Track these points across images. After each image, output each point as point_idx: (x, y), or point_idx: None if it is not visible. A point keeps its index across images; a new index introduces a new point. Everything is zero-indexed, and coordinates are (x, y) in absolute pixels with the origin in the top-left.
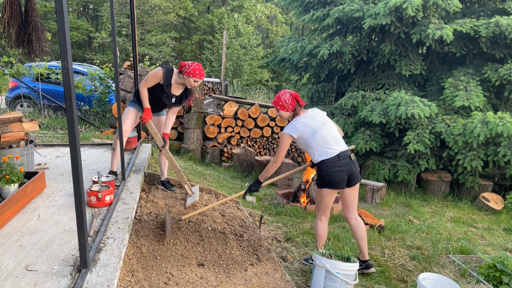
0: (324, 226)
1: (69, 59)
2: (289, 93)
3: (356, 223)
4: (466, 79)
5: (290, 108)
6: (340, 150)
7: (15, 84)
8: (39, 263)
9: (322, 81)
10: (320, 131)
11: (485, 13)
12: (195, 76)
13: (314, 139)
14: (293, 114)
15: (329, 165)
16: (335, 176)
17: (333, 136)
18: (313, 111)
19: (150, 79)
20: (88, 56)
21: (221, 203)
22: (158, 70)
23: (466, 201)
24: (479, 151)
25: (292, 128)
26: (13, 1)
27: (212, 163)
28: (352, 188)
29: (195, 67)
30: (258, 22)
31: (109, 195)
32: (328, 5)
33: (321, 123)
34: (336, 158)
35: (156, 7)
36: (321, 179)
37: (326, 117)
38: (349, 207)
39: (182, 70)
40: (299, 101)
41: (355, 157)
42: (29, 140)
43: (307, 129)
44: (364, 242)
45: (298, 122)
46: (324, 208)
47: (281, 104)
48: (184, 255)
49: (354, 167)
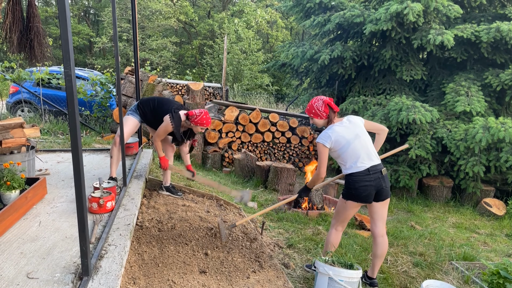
0: (337, 237)
1: (71, 66)
2: (322, 100)
3: (383, 241)
4: (467, 84)
5: (324, 115)
6: (371, 164)
7: (16, 89)
8: (40, 271)
9: (323, 86)
10: (353, 143)
11: (486, 18)
12: (202, 125)
13: (346, 151)
14: (328, 121)
15: (357, 178)
16: (362, 190)
17: (366, 150)
18: (348, 120)
19: (162, 133)
20: (88, 61)
21: (273, 208)
22: (168, 125)
23: (468, 207)
24: (481, 156)
25: (325, 137)
26: (15, 6)
27: (213, 168)
28: (381, 203)
29: (202, 117)
30: (258, 27)
31: (110, 201)
32: (329, 11)
33: (355, 135)
34: (366, 173)
35: (157, 12)
36: (347, 191)
37: (361, 127)
38: (376, 222)
39: (189, 118)
40: (333, 107)
41: (386, 172)
42: (30, 146)
43: (340, 139)
44: (380, 262)
45: (332, 131)
46: (344, 219)
47: (314, 112)
48: (186, 262)
49: (384, 183)
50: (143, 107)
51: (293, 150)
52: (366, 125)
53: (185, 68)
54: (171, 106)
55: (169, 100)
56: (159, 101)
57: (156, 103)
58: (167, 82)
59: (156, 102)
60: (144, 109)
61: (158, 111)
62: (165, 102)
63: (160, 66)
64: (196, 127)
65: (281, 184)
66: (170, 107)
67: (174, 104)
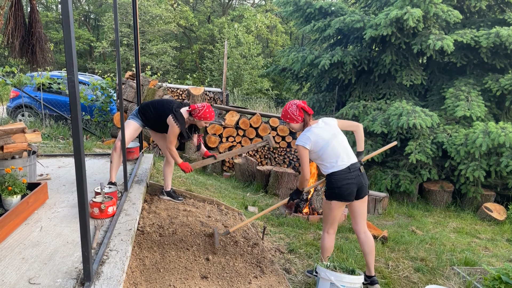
0: (331, 240)
1: (75, 72)
2: (295, 104)
3: (365, 237)
4: (467, 89)
5: (299, 119)
6: (351, 162)
7: (17, 93)
8: (42, 276)
9: (323, 90)
10: (332, 143)
11: (485, 23)
12: (205, 119)
13: (325, 151)
14: (304, 124)
15: (339, 177)
16: (345, 188)
17: (344, 149)
18: (323, 122)
19: (173, 138)
20: (89, 65)
21: (264, 213)
22: (174, 127)
23: (469, 211)
24: (481, 161)
25: (304, 139)
26: (17, 12)
27: (213, 172)
28: (360, 201)
29: (205, 110)
30: (258, 31)
31: (111, 206)
32: (329, 16)
33: (333, 135)
34: (347, 171)
35: (157, 17)
36: (330, 191)
37: (337, 128)
38: (357, 220)
39: (192, 113)
40: (307, 110)
41: (364, 170)
42: (31, 151)
43: (319, 140)
44: (372, 258)
45: (311, 133)
46: (332, 221)
47: (289, 116)
48: (187, 268)
49: (364, 180)
50: (144, 111)
51: (294, 155)
52: (340, 124)
53: (185, 72)
54: (171, 105)
55: (168, 100)
56: (158, 102)
57: (156, 104)
58: (167, 86)
59: (156, 104)
60: (146, 112)
61: (159, 112)
62: (165, 102)
63: (160, 71)
64: (200, 121)
65: (282, 188)
66: (171, 106)
67: (174, 103)
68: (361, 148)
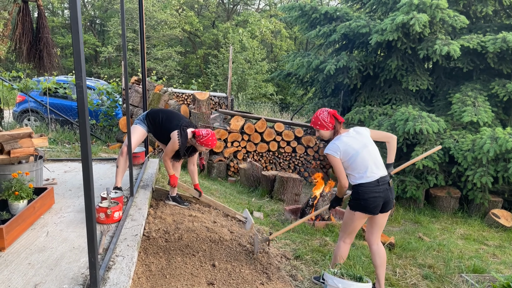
0: (346, 249)
1: (83, 77)
2: (327, 111)
3: (378, 248)
4: (473, 94)
5: (330, 126)
6: (380, 175)
7: (23, 98)
8: (48, 282)
9: (328, 95)
10: (362, 153)
11: (492, 29)
12: (207, 146)
13: (354, 161)
14: (334, 132)
15: (367, 189)
16: (372, 201)
17: (374, 160)
18: (355, 130)
19: (170, 152)
20: (94, 70)
21: (305, 220)
22: (175, 143)
23: (476, 218)
24: (489, 167)
25: (333, 148)
26: (25, 18)
27: (218, 177)
28: (383, 214)
29: (209, 138)
30: (263, 36)
31: (117, 211)
32: (335, 21)
33: (363, 145)
34: (375, 183)
35: (162, 22)
36: (356, 202)
37: (368, 138)
38: (373, 231)
39: (195, 137)
40: (338, 118)
41: (393, 184)
42: (38, 155)
43: (349, 149)
44: (383, 270)
45: (340, 141)
46: (351, 231)
47: (320, 123)
48: (193, 274)
49: (391, 194)
50: (152, 118)
51: (299, 160)
52: (373, 135)
53: (190, 77)
54: (180, 122)
55: (178, 114)
56: (168, 114)
57: (166, 116)
58: (173, 91)
59: (165, 116)
60: (153, 120)
61: (166, 125)
62: (175, 117)
63: (165, 76)
64: (201, 147)
65: (287, 194)
66: (180, 123)
67: (183, 120)
68: (391, 160)
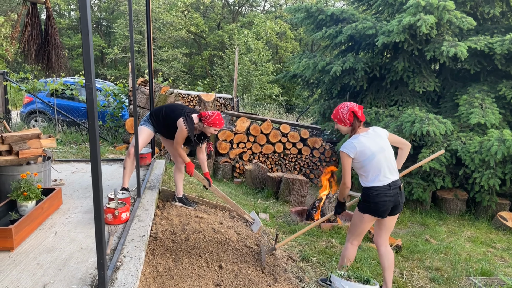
0: (353, 251)
1: (92, 79)
2: (348, 107)
3: (386, 251)
4: (481, 96)
5: (347, 122)
6: (393, 179)
7: (30, 99)
8: (57, 282)
9: (334, 97)
10: (378, 156)
11: (499, 30)
12: (215, 126)
13: (370, 162)
14: (352, 129)
15: (378, 193)
16: (382, 205)
17: (389, 164)
18: (374, 131)
19: (180, 140)
20: (101, 71)
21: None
22: (183, 129)
23: (483, 220)
24: (496, 169)
25: (349, 147)
26: (34, 19)
27: (224, 179)
28: (392, 217)
29: (215, 117)
30: (268, 38)
31: (125, 212)
32: (341, 23)
33: (381, 148)
34: (387, 188)
35: (168, 24)
36: (366, 204)
37: (386, 141)
38: (382, 234)
39: (202, 119)
40: (358, 116)
41: (403, 188)
42: (46, 156)
43: (366, 150)
44: (391, 273)
45: (358, 141)
46: (359, 233)
47: (338, 117)
48: (200, 275)
49: (401, 198)
50: (155, 115)
51: (304, 161)
52: (390, 138)
53: (195, 78)
54: (183, 110)
55: (180, 104)
56: (170, 107)
57: (168, 109)
58: (179, 93)
59: (168, 108)
60: (156, 118)
61: (170, 116)
62: (177, 107)
63: (171, 77)
64: (209, 128)
65: (293, 195)
66: (183, 110)
67: (185, 108)
68: (399, 166)
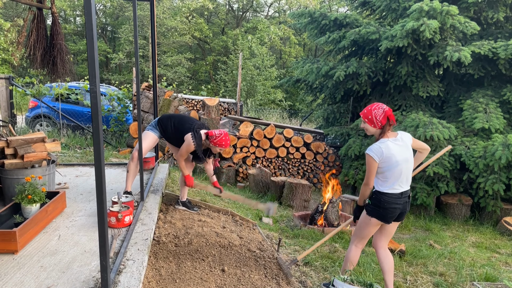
0: (357, 253)
1: (97, 83)
2: (383, 110)
3: (385, 253)
4: (485, 101)
5: (379, 125)
6: (405, 189)
7: (35, 103)
8: (60, 285)
9: (338, 101)
10: (401, 166)
11: (503, 35)
12: (221, 146)
13: (391, 170)
14: (381, 132)
15: (389, 199)
16: (390, 211)
17: (408, 175)
18: (402, 138)
19: (184, 153)
20: (105, 76)
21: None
22: (190, 144)
23: (488, 226)
24: (501, 174)
25: (376, 151)
26: (39, 24)
27: (227, 183)
28: (395, 223)
29: (222, 138)
30: (272, 43)
31: (128, 215)
32: (344, 28)
33: (405, 159)
34: (398, 196)
35: (172, 29)
36: (375, 208)
37: (410, 150)
38: (382, 237)
39: (209, 138)
40: (391, 120)
41: (411, 197)
42: (51, 160)
43: (392, 158)
44: (391, 276)
45: (385, 147)
46: (364, 236)
47: (370, 118)
48: (203, 279)
49: (408, 207)
50: (164, 125)
51: (308, 166)
52: (413, 144)
53: (199, 83)
54: (193, 124)
55: (190, 118)
56: (180, 119)
57: (178, 121)
58: (183, 97)
59: (177, 120)
60: (165, 126)
61: (179, 129)
62: (187, 120)
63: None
64: (215, 147)
65: (296, 200)
66: (192, 125)
67: (195, 122)
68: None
